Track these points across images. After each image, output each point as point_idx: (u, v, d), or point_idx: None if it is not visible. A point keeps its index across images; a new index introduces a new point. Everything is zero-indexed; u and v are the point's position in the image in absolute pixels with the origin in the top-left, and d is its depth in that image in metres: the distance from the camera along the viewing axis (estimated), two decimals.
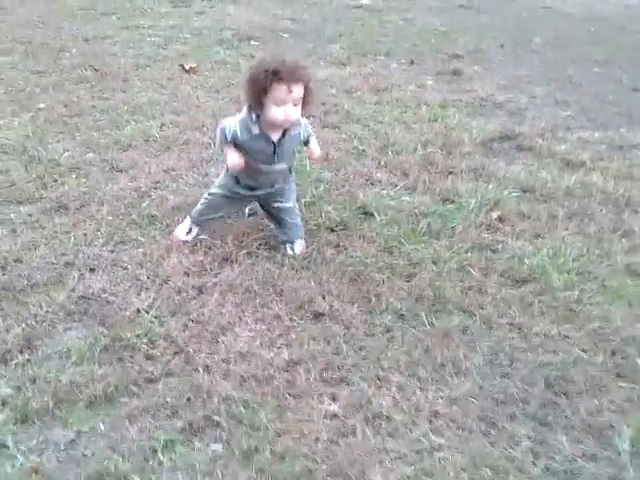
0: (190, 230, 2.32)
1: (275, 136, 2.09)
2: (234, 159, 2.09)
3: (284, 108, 1.99)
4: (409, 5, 7.26)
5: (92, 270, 2.19)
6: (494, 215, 2.51)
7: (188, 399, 1.65)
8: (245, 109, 2.10)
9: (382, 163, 3.03)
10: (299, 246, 2.28)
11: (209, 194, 2.31)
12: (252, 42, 5.42)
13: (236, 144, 2.11)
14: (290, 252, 2.26)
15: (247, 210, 2.50)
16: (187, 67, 4.50)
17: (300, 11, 6.70)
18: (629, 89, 4.21)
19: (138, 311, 1.98)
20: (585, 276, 2.12)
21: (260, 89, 1.99)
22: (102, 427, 1.57)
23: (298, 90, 1.99)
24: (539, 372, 1.70)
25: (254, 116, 2.06)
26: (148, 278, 2.14)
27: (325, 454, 1.47)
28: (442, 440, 1.50)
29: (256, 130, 2.06)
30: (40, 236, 2.38)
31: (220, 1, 6.99)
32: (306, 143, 2.23)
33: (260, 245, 2.34)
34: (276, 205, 2.28)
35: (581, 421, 1.54)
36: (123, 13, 6.14)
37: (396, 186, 2.78)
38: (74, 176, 2.86)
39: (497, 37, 5.71)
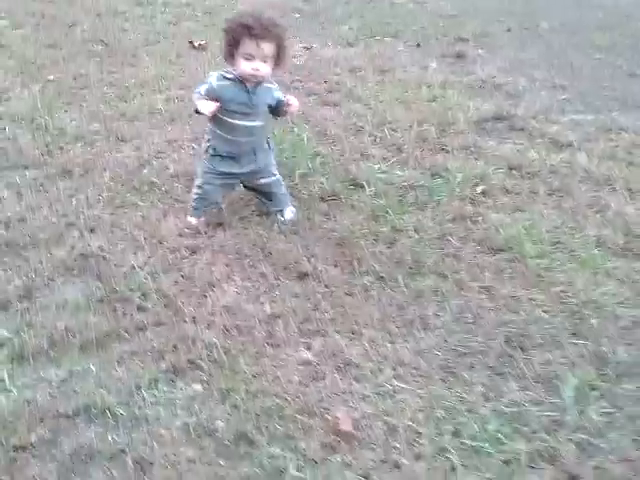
0: (198, 217, 2.38)
1: (249, 85, 2.17)
2: (207, 105, 2.13)
3: (252, 63, 2.08)
4: None
5: (92, 231, 2.34)
6: (478, 189, 2.61)
7: (174, 346, 1.79)
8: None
9: (378, 139, 3.13)
10: (290, 212, 2.40)
11: (197, 187, 2.36)
12: None
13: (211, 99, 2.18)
14: (282, 218, 2.36)
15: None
16: (196, 44, 4.62)
17: None
18: (626, 75, 4.24)
19: (133, 268, 2.13)
20: (557, 247, 2.22)
21: (232, 42, 2.08)
22: (93, 368, 1.71)
23: (268, 47, 2.06)
24: (501, 329, 1.82)
25: (230, 67, 2.16)
26: (145, 239, 2.29)
27: (295, 394, 1.61)
28: (404, 385, 1.63)
29: (230, 75, 2.16)
30: (44, 199, 2.54)
31: None
32: (277, 110, 2.28)
33: (253, 212, 2.47)
34: (262, 181, 2.36)
35: (533, 372, 1.66)
36: None
37: (389, 161, 2.89)
38: (79, 145, 3.02)
39: (505, 21, 5.73)
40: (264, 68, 2.11)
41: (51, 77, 3.85)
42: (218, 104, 2.15)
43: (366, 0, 6.51)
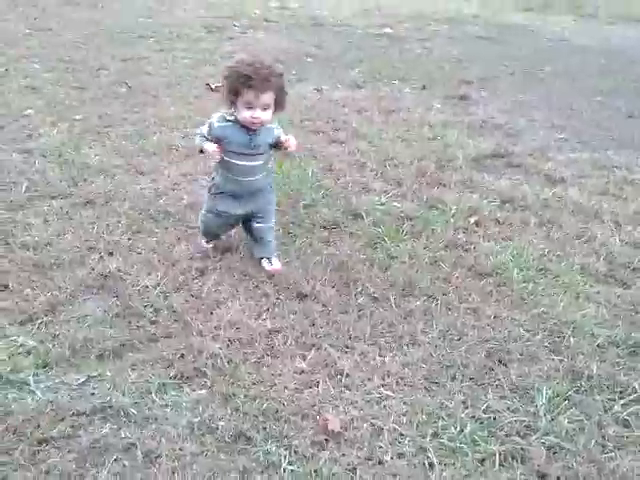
0: (208, 241, 2.57)
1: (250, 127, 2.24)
2: (211, 146, 2.23)
3: (252, 112, 2.14)
4: (430, 35, 7.67)
5: (111, 254, 2.57)
6: (471, 220, 2.81)
7: (182, 355, 1.99)
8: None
9: (379, 174, 3.37)
10: (277, 262, 2.47)
11: (202, 216, 2.52)
12: (278, 65, 5.89)
13: (214, 141, 2.26)
14: (269, 267, 2.44)
15: None
16: (213, 86, 4.96)
17: (326, 39, 7.17)
18: (625, 116, 4.47)
19: (147, 287, 2.34)
20: (542, 272, 2.40)
21: (232, 91, 2.14)
22: (108, 373, 1.91)
23: (267, 97, 2.13)
24: (483, 345, 1.99)
25: (231, 110, 2.24)
26: (158, 261, 2.51)
27: (290, 399, 1.79)
28: (390, 393, 1.80)
29: (231, 117, 2.22)
30: (68, 225, 2.78)
31: (252, 28, 7.55)
32: (276, 146, 2.33)
33: None
34: (257, 225, 2.46)
35: (510, 383, 1.82)
36: (160, 37, 6.70)
37: (388, 194, 3.11)
38: (102, 177, 3.29)
39: (509, 66, 6.04)
40: (265, 115, 2.17)
41: (78, 116, 4.18)
42: (218, 147, 2.23)
43: (376, 46, 6.90)
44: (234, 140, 2.24)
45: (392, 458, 1.58)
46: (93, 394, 1.84)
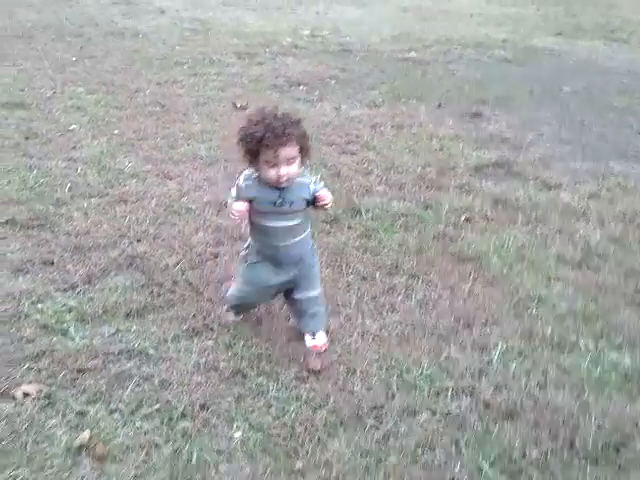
0: (237, 313, 2.41)
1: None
2: (238, 205, 2.05)
3: (276, 169, 1.99)
4: (455, 58, 8.16)
5: (139, 240, 3.08)
6: (462, 217, 3.20)
7: (194, 315, 2.45)
8: None
9: (383, 180, 3.81)
10: (322, 336, 2.23)
11: (236, 291, 2.32)
12: (301, 87, 6.46)
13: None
14: (310, 343, 2.21)
15: None
16: (238, 105, 5.55)
17: (352, 63, 7.74)
18: (635, 132, 4.80)
19: (168, 265, 2.83)
20: (520, 260, 2.78)
21: (250, 153, 2.01)
22: (133, 327, 2.39)
23: (289, 151, 1.97)
24: (454, 312, 2.37)
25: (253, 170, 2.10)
26: (179, 246, 3.00)
27: (281, 348, 2.22)
28: (366, 346, 2.21)
29: (257, 174, 2.06)
30: (104, 218, 3.32)
31: (282, 54, 8.20)
32: (314, 203, 2.12)
33: None
34: (299, 297, 2.22)
35: (472, 341, 2.21)
36: (194, 63, 7.39)
37: (389, 196, 3.55)
38: (134, 181, 3.84)
39: (529, 86, 6.44)
40: (291, 170, 2.01)
41: (116, 131, 4.80)
42: (246, 204, 2.06)
43: (400, 69, 7.43)
44: (263, 199, 2.06)
45: (360, 389, 1.98)
46: (121, 341, 2.31)
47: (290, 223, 2.10)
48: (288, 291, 2.26)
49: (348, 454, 1.76)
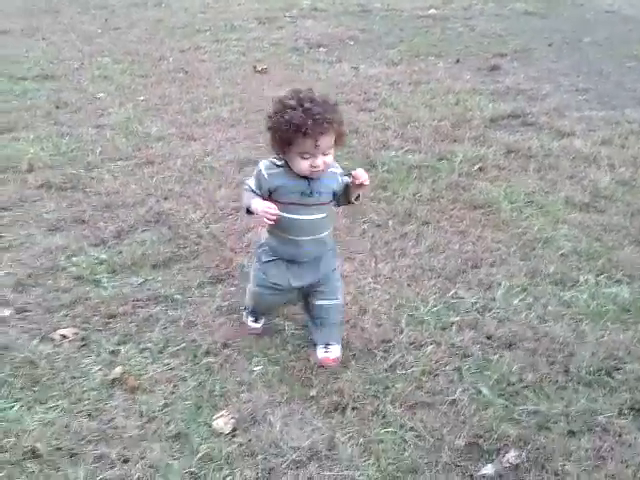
0: (256, 319, 2.16)
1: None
2: (262, 204, 1.78)
3: (311, 161, 1.75)
4: (475, 13, 7.96)
5: (165, 198, 3.20)
6: (475, 167, 3.21)
7: (217, 265, 2.56)
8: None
9: (399, 134, 3.83)
10: (337, 349, 2.00)
11: (251, 293, 2.10)
12: (321, 49, 6.41)
13: (265, 197, 1.85)
14: (322, 355, 1.98)
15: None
16: (259, 68, 5.57)
17: (371, 23, 7.63)
18: None
19: (192, 220, 2.94)
20: (529, 204, 2.80)
21: (283, 142, 1.76)
22: (160, 277, 2.51)
23: (327, 141, 1.74)
24: (462, 255, 2.43)
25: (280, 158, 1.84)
26: (203, 202, 3.10)
27: None
28: (378, 286, 2.29)
29: (282, 161, 1.83)
30: (132, 179, 3.44)
31: (301, 17, 8.12)
32: (341, 197, 1.91)
33: None
34: (319, 303, 1.99)
35: (478, 280, 2.26)
36: (216, 30, 7.40)
37: (404, 149, 3.57)
38: (160, 143, 3.94)
39: (549, 38, 6.28)
40: (327, 160, 1.79)
41: (141, 98, 4.89)
42: (275, 208, 1.78)
43: (419, 27, 7.29)
44: (289, 188, 1.83)
45: (371, 326, 2.07)
46: (149, 289, 2.44)
47: (316, 216, 1.87)
48: (307, 295, 2.02)
49: (358, 382, 1.85)
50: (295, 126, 1.69)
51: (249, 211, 1.87)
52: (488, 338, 1.98)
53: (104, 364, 2.02)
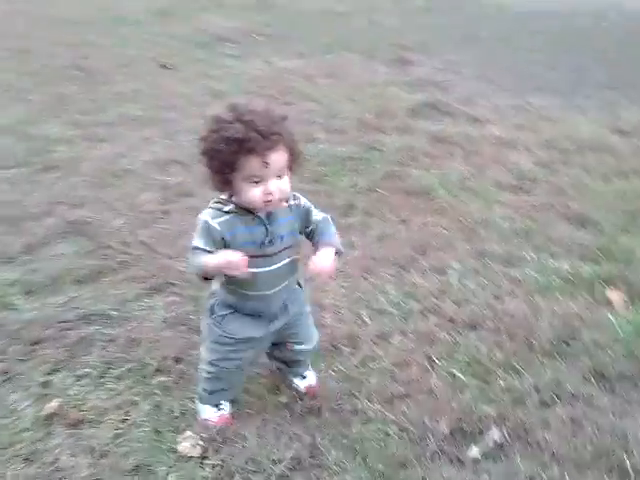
0: (218, 405, 1.73)
1: (260, 212, 1.50)
2: (227, 255, 1.42)
3: (263, 186, 1.43)
4: (377, 9, 8.14)
5: (78, 205, 2.90)
6: (406, 156, 3.25)
7: (153, 274, 2.36)
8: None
9: (325, 127, 3.79)
10: (312, 375, 1.82)
11: (207, 364, 1.67)
12: (227, 43, 6.22)
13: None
14: (304, 385, 1.79)
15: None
16: (165, 64, 5.31)
17: (274, 17, 7.55)
18: (549, 68, 5.04)
19: (115, 228, 2.70)
20: (463, 189, 2.88)
21: (224, 168, 1.42)
22: (88, 294, 2.26)
23: (279, 157, 1.43)
24: (410, 243, 2.43)
25: (225, 195, 1.51)
26: (124, 208, 2.87)
27: None
28: (331, 282, 2.21)
29: (228, 206, 1.49)
30: (34, 187, 3.09)
31: (200, 10, 7.85)
32: (307, 231, 1.60)
33: None
34: (298, 348, 1.73)
35: (430, 266, 2.28)
36: (107, 22, 6.95)
37: (333, 142, 3.54)
38: (62, 147, 3.59)
39: (449, 32, 6.55)
40: (283, 186, 1.46)
41: (30, 97, 4.46)
42: (240, 254, 1.42)
43: (324, 21, 7.33)
44: (244, 238, 1.48)
45: (332, 322, 2.00)
46: (77, 307, 2.19)
47: (279, 264, 1.54)
48: (278, 342, 1.72)
49: (331, 382, 1.78)
50: (236, 142, 1.38)
51: (206, 277, 1.52)
52: (451, 322, 1.99)
53: (35, 399, 1.77)
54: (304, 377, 1.80)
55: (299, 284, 1.69)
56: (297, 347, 1.71)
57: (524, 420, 1.62)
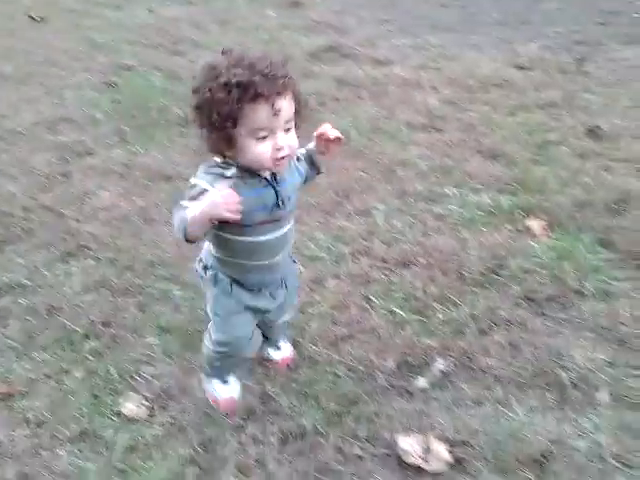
0: (226, 381, 1.63)
1: (267, 174, 1.33)
2: (212, 195, 1.21)
3: (272, 141, 1.25)
4: None
5: None
6: (314, 102, 3.22)
7: (63, 238, 2.20)
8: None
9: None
10: (286, 346, 1.74)
11: (216, 344, 1.52)
12: None
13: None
14: (278, 356, 1.72)
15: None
16: (35, 17, 4.82)
17: None
18: (439, 5, 5.17)
19: (12, 193, 2.48)
20: (375, 131, 2.92)
21: (225, 120, 1.21)
22: None
23: (286, 107, 1.24)
24: (331, 187, 2.45)
25: (219, 158, 1.31)
26: (19, 172, 2.63)
27: (172, 250, 2.10)
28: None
29: (230, 171, 1.29)
30: None
31: None
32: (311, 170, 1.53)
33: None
34: (282, 321, 1.66)
35: (355, 209, 2.34)
36: None
37: None
38: None
39: None
40: (291, 141, 1.29)
41: None
42: (236, 195, 1.20)
43: None
44: (253, 204, 1.30)
45: None
46: None
47: (287, 228, 1.42)
48: (268, 322, 1.61)
49: None
50: (239, 87, 1.18)
51: (189, 240, 1.26)
52: (383, 261, 2.04)
53: None
54: (279, 348, 1.72)
55: (293, 260, 1.59)
56: (282, 320, 1.64)
57: (466, 348, 1.71)
